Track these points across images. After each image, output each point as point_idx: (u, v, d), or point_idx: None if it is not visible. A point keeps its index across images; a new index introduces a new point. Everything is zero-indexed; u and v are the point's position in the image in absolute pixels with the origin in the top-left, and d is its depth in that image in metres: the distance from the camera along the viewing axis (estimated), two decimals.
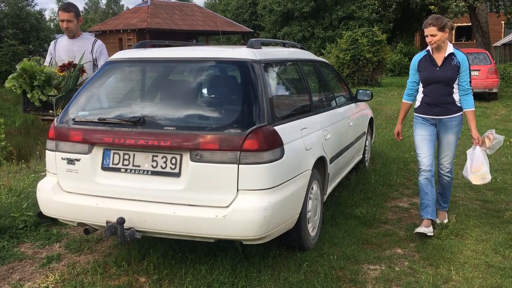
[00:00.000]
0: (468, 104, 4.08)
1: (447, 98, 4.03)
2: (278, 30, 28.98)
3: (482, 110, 11.95)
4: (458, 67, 3.96)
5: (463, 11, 18.41)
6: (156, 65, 3.77)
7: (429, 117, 4.13)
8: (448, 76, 3.97)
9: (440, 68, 3.99)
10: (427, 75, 4.05)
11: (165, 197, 3.04)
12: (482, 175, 4.00)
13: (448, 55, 3.99)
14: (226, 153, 2.92)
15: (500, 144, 4.03)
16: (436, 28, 3.87)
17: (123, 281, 3.23)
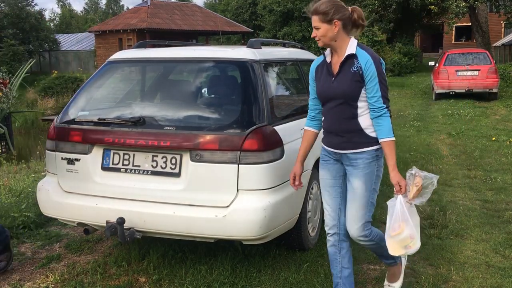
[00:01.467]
0: (382, 131, 2.57)
1: (349, 123, 2.63)
2: (278, 30, 29.00)
3: (482, 110, 11.95)
4: (361, 75, 2.56)
5: (464, 11, 18.42)
6: (156, 65, 3.77)
7: (331, 150, 2.76)
8: (343, 90, 2.59)
9: (336, 78, 2.63)
10: (321, 89, 2.72)
11: (165, 197, 3.04)
12: (403, 241, 2.58)
13: (346, 59, 2.60)
14: (226, 153, 2.92)
15: (433, 186, 2.61)
16: (318, 17, 2.61)
17: (123, 281, 3.23)
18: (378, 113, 2.56)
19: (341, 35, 2.59)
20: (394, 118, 11.13)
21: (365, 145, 2.62)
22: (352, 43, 2.61)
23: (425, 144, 8.06)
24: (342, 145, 2.66)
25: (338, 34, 2.58)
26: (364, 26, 2.69)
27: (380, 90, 2.54)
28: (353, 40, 2.63)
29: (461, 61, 14.06)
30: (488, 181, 5.63)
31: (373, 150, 2.62)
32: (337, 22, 2.55)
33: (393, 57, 24.01)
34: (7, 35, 26.22)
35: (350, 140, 2.63)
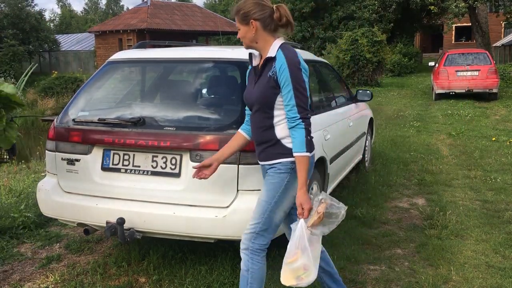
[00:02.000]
0: (295, 144, 2.33)
1: (264, 133, 2.44)
2: None
3: (482, 110, 11.95)
4: (275, 80, 2.35)
5: (463, 11, 18.42)
6: (156, 65, 3.77)
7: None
8: (256, 97, 2.42)
9: (256, 83, 2.47)
10: (244, 94, 2.59)
11: (165, 197, 3.04)
12: (295, 271, 2.33)
13: (266, 62, 2.42)
14: None
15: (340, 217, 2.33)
16: (236, 18, 2.45)
17: (123, 281, 3.23)
18: (291, 124, 2.32)
19: (262, 36, 2.40)
20: (394, 118, 11.13)
21: (281, 156, 2.40)
22: (275, 45, 2.40)
23: (425, 144, 8.06)
24: (260, 155, 2.50)
25: (258, 35, 2.39)
26: (293, 25, 2.46)
27: (295, 98, 2.29)
28: (277, 41, 2.42)
29: (461, 61, 14.06)
30: (488, 181, 5.63)
31: (288, 162, 2.37)
32: (253, 23, 2.37)
33: (393, 57, 24.02)
34: (7, 35, 26.23)
35: (265, 150, 2.46)
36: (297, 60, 2.36)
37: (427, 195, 5.17)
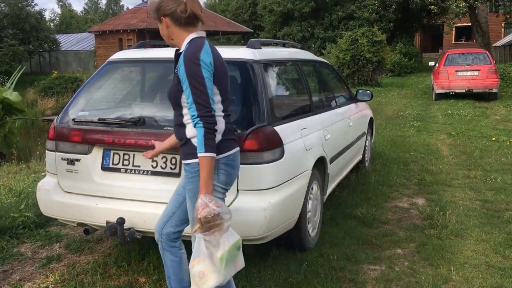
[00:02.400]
0: (197, 144, 2.22)
1: (178, 131, 2.43)
2: (278, 30, 28.97)
3: (482, 110, 11.95)
4: (178, 76, 2.31)
5: (464, 11, 18.42)
6: (156, 65, 3.77)
7: None
8: (168, 94, 2.45)
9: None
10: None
11: (165, 197, 3.03)
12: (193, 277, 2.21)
13: (176, 58, 2.41)
14: None
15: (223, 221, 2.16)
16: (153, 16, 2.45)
17: (123, 281, 3.23)
18: (193, 123, 2.21)
19: (175, 32, 2.35)
20: (394, 118, 11.13)
21: (189, 156, 2.32)
22: (186, 40, 2.33)
23: (425, 144, 8.06)
24: (180, 154, 2.45)
25: (171, 31, 2.35)
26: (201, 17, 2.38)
27: (192, 95, 2.18)
28: (189, 36, 2.34)
29: (461, 61, 14.06)
30: (488, 181, 5.63)
31: (195, 164, 2.26)
32: (164, 19, 2.33)
33: (393, 57, 24.03)
34: (7, 35, 26.22)
35: (181, 149, 2.41)
36: (196, 54, 2.23)
37: (427, 195, 5.17)
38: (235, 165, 2.39)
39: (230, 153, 2.35)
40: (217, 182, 2.31)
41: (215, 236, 2.14)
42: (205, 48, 2.28)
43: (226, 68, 2.40)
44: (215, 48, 2.39)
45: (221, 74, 2.32)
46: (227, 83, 2.39)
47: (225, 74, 2.38)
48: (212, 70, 2.25)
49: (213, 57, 2.28)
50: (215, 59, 2.29)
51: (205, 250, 2.15)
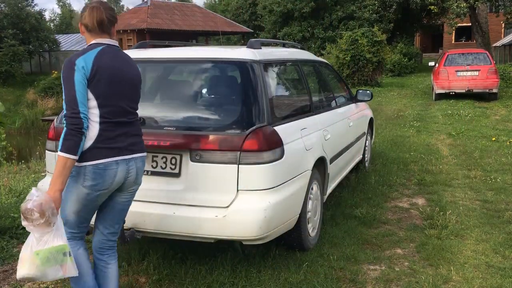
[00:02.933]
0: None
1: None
2: (278, 30, 28.95)
3: (482, 110, 11.94)
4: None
5: (465, 11, 18.42)
6: (156, 65, 3.77)
7: None
8: None
9: None
10: None
11: (165, 197, 3.04)
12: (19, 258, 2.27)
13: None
14: (226, 154, 2.92)
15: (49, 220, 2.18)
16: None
17: (123, 281, 3.22)
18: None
19: (86, 38, 2.48)
20: (394, 118, 11.13)
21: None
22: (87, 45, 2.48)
23: (425, 144, 8.06)
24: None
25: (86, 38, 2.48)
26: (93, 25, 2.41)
27: (64, 95, 2.30)
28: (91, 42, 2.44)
29: (461, 61, 14.05)
30: (488, 181, 5.63)
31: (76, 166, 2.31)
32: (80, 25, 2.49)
33: (393, 57, 24.02)
34: (7, 35, 26.19)
35: None
36: (73, 59, 2.31)
37: (427, 195, 5.17)
38: (105, 175, 2.34)
39: (99, 162, 2.32)
40: (82, 186, 2.33)
41: (38, 230, 2.19)
42: (88, 54, 2.34)
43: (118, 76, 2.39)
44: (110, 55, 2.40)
45: (103, 80, 2.33)
46: (111, 90, 2.36)
47: (111, 82, 2.36)
48: (87, 75, 2.28)
49: (97, 63, 2.32)
50: (99, 65, 2.32)
51: (29, 239, 2.24)
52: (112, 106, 2.37)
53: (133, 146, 2.46)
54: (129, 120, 2.45)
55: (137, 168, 2.48)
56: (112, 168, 2.36)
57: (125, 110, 2.42)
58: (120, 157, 2.39)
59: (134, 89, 2.50)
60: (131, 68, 2.50)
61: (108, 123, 2.36)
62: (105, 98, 2.34)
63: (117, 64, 2.41)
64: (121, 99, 2.41)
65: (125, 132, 2.42)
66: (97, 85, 2.32)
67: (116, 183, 2.41)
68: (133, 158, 2.45)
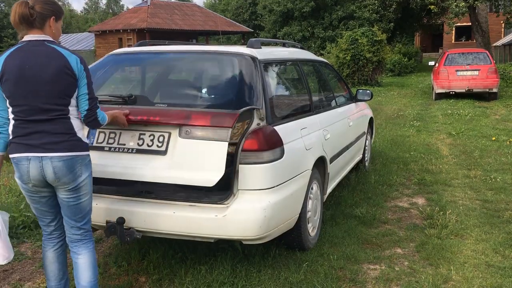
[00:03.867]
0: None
1: None
2: (278, 30, 28.98)
3: (482, 110, 11.94)
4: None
5: (464, 11, 18.42)
6: (156, 55, 3.77)
7: None
8: None
9: None
10: None
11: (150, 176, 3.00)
12: None
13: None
14: (216, 130, 2.93)
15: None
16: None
17: (123, 281, 3.23)
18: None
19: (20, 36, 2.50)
20: (394, 118, 11.13)
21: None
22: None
23: (425, 144, 8.06)
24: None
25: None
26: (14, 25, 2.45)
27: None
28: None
29: (461, 61, 14.05)
30: (488, 181, 5.63)
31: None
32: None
33: (393, 57, 24.03)
34: (7, 35, 26.22)
35: None
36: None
37: (427, 195, 5.17)
38: (20, 169, 2.45)
39: (13, 156, 2.45)
40: (16, 178, 2.51)
41: None
42: (3, 55, 2.43)
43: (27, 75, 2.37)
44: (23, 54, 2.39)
45: (10, 80, 2.37)
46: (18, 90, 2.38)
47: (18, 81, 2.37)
48: None
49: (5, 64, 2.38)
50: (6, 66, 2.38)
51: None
52: (23, 105, 2.39)
53: (49, 145, 2.41)
54: (48, 118, 2.41)
55: (53, 167, 2.42)
56: (23, 164, 2.43)
57: (40, 108, 2.39)
58: (31, 154, 2.41)
59: (51, 87, 2.40)
60: (48, 65, 2.39)
61: (20, 121, 2.42)
62: (14, 98, 2.40)
63: (29, 62, 2.38)
64: (34, 98, 2.38)
65: (40, 130, 2.41)
66: (5, 85, 2.39)
67: (34, 179, 2.45)
68: (49, 156, 2.41)
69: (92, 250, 2.70)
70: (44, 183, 2.48)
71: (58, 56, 2.42)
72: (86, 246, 2.68)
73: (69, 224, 2.63)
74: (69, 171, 2.46)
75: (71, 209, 2.59)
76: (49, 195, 2.56)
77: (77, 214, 2.61)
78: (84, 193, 2.58)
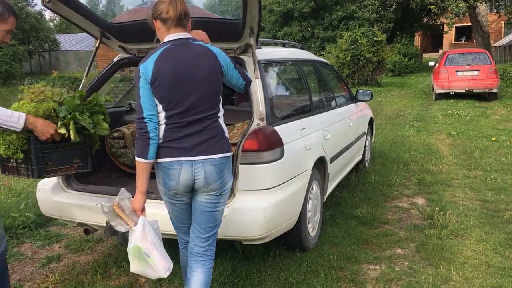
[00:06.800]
0: None
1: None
2: (278, 30, 28.95)
3: (482, 110, 11.94)
4: None
5: (464, 11, 18.42)
6: None
7: None
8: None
9: None
10: None
11: None
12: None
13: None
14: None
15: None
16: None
17: (123, 281, 3.23)
18: None
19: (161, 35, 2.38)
20: (394, 118, 11.13)
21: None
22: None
23: (425, 144, 8.06)
24: None
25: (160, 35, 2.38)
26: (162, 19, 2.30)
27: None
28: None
29: (461, 61, 14.05)
30: (488, 181, 5.63)
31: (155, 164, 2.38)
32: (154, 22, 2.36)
33: (393, 57, 24.03)
34: None
35: None
36: (141, 64, 2.30)
37: (427, 195, 5.17)
38: (170, 174, 2.31)
39: (163, 160, 2.31)
40: (158, 183, 2.39)
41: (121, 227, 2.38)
42: (151, 57, 2.29)
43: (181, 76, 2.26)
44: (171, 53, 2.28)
45: (163, 84, 2.25)
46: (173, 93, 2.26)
47: (171, 84, 2.26)
48: (149, 80, 2.25)
49: (155, 68, 2.25)
50: (157, 70, 2.25)
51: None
52: (178, 108, 2.27)
53: (201, 147, 2.30)
54: (201, 118, 2.31)
55: (205, 171, 2.30)
56: (175, 168, 2.30)
57: (192, 110, 2.29)
58: (184, 158, 2.29)
59: (205, 86, 2.30)
60: (199, 65, 2.29)
61: (174, 124, 2.29)
62: (169, 101, 2.26)
63: (182, 63, 2.27)
64: (187, 99, 2.27)
65: (193, 133, 2.30)
66: (158, 89, 2.25)
67: (182, 184, 2.32)
68: (201, 160, 2.30)
69: (209, 271, 2.51)
70: (189, 188, 2.35)
71: (209, 54, 2.32)
72: (204, 264, 2.50)
73: (195, 233, 2.47)
74: (218, 176, 2.34)
75: (206, 216, 2.42)
76: (189, 202, 2.44)
77: (210, 222, 2.44)
78: (223, 201, 2.44)
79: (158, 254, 2.33)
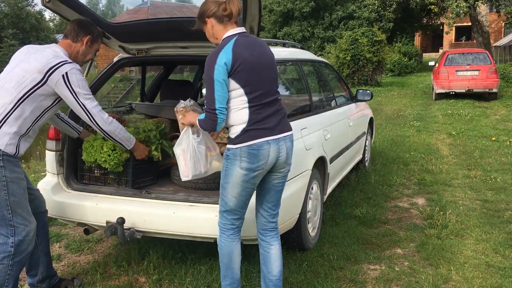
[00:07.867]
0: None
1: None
2: (278, 30, 28.96)
3: (482, 110, 11.95)
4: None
5: (465, 11, 18.42)
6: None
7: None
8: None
9: None
10: None
11: None
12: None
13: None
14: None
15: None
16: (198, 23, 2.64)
17: (123, 281, 3.23)
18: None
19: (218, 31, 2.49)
20: (394, 118, 11.14)
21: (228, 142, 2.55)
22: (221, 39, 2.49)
23: (425, 144, 8.06)
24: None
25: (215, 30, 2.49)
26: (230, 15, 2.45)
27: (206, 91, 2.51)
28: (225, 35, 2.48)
29: (461, 61, 14.06)
30: (488, 181, 5.63)
31: (228, 149, 2.51)
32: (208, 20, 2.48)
33: (393, 57, 24.03)
34: (7, 35, 26.23)
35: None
36: (213, 57, 2.39)
37: (427, 195, 5.17)
38: (259, 155, 2.45)
39: (252, 143, 2.44)
40: (239, 168, 2.46)
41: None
42: (226, 48, 2.39)
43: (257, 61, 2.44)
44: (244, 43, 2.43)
45: (244, 69, 2.39)
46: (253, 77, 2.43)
47: (251, 69, 2.42)
48: (228, 70, 2.37)
49: (234, 55, 2.37)
50: (236, 57, 2.38)
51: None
52: (256, 91, 2.44)
53: (280, 126, 2.52)
54: (274, 100, 2.52)
55: (286, 147, 2.54)
56: (264, 148, 2.45)
57: (267, 92, 2.49)
58: (271, 137, 2.47)
59: (272, 70, 2.54)
60: (264, 52, 2.53)
61: (256, 107, 2.45)
62: (248, 85, 2.42)
63: (252, 51, 2.45)
64: (262, 83, 2.47)
65: (272, 113, 2.50)
66: (239, 74, 2.39)
67: (269, 163, 2.49)
68: (282, 137, 2.52)
69: (280, 242, 2.76)
70: (271, 166, 2.52)
71: (265, 46, 2.58)
72: (277, 237, 2.74)
73: (268, 212, 2.67)
74: (291, 151, 2.60)
75: (278, 194, 2.66)
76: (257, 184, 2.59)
77: (279, 199, 2.69)
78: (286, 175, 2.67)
79: (183, 162, 2.66)
